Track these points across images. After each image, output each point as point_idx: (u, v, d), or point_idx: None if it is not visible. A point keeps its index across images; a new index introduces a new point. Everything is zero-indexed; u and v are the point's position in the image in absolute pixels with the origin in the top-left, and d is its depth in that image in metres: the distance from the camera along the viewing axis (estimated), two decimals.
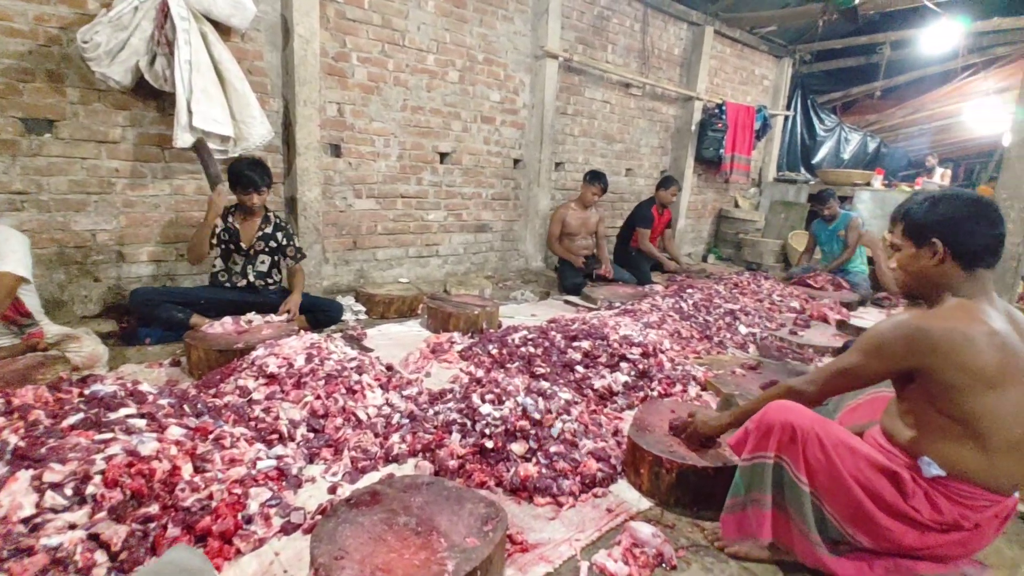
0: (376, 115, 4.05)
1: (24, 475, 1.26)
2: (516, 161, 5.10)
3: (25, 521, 1.20)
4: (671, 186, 5.15)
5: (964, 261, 1.33)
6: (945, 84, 7.92)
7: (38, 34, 2.75)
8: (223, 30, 3.19)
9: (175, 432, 1.60)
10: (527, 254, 5.36)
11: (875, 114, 9.50)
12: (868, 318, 4.42)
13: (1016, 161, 2.54)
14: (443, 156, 4.54)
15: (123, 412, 1.60)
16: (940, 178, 8.47)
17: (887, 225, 1.66)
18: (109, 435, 1.46)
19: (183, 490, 1.44)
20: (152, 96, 3.09)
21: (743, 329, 3.68)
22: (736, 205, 7.78)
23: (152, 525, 1.35)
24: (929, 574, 1.34)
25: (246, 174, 2.93)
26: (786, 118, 8.14)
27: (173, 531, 1.35)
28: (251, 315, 2.83)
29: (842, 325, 4.06)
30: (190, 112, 2.95)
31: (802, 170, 8.48)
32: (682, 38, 6.33)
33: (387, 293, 3.76)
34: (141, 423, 1.57)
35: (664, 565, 1.52)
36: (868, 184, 6.95)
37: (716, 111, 6.56)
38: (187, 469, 1.50)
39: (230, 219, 3.05)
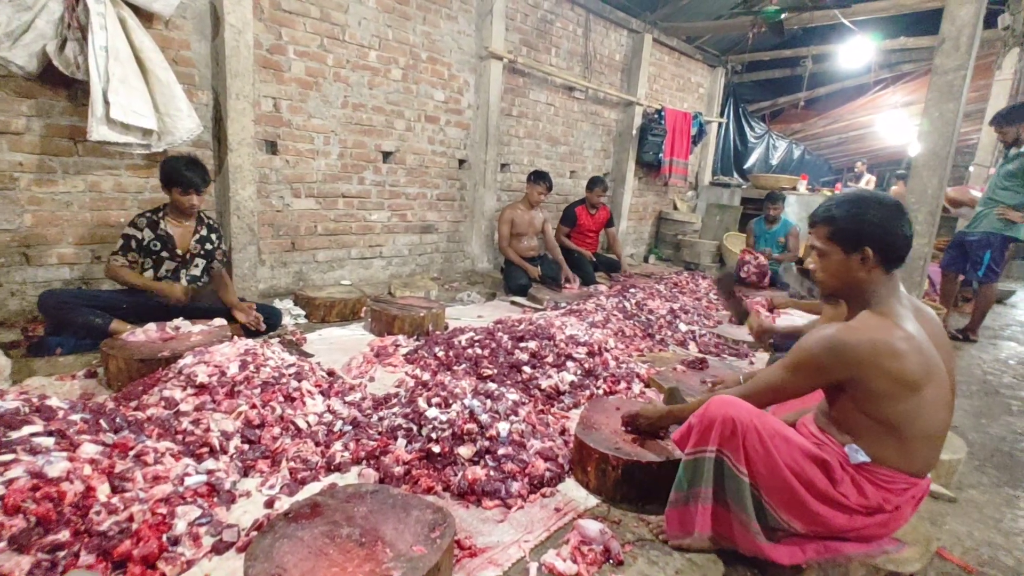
0: (315, 111, 3.91)
1: None
2: (461, 161, 5.06)
3: None
4: (596, 187, 5.28)
5: (888, 264, 1.41)
6: (860, 97, 8.58)
7: None
8: (145, 16, 2.98)
9: (89, 450, 1.46)
10: (473, 255, 5.34)
11: (799, 123, 10.15)
12: (794, 314, 4.69)
13: (923, 168, 2.78)
14: (386, 155, 4.44)
15: (27, 430, 1.44)
16: (866, 183, 9.15)
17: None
18: (10, 456, 1.31)
19: (98, 513, 1.32)
20: (63, 84, 2.83)
21: (683, 327, 3.82)
22: (675, 207, 8.08)
23: (62, 553, 1.22)
24: (855, 553, 1.42)
25: (185, 175, 2.72)
26: (720, 125, 8.54)
27: (87, 558, 1.23)
28: (178, 321, 2.65)
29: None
30: (107, 103, 2.73)
31: (735, 174, 8.92)
32: (623, 44, 6.51)
33: (328, 296, 3.63)
34: (49, 441, 1.42)
35: (611, 561, 1.54)
36: (794, 188, 7.40)
37: (655, 116, 6.79)
38: (103, 490, 1.38)
39: (161, 226, 2.81)
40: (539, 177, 4.69)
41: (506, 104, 5.26)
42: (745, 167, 9.25)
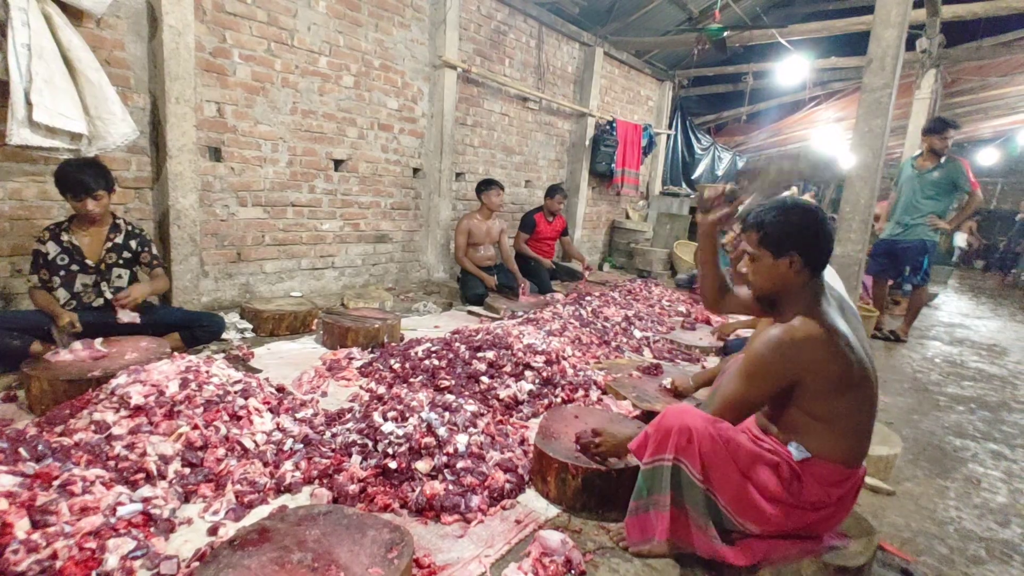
0: (262, 117, 3.77)
1: None
2: (416, 170, 5.01)
3: None
4: (556, 195, 5.35)
5: (813, 268, 1.50)
6: (796, 112, 9.07)
7: None
8: (74, 13, 2.80)
9: (5, 482, 1.33)
10: (429, 265, 5.27)
11: (742, 136, 10.63)
12: (742, 317, 4.87)
13: (855, 180, 2.95)
14: (338, 163, 4.34)
15: None
16: (808, 196, 9.65)
17: None
18: None
19: (16, 552, 1.20)
20: None
21: (637, 333, 3.89)
22: (627, 216, 8.28)
23: None
24: (805, 550, 1.47)
25: (75, 177, 2.47)
26: (669, 136, 8.83)
27: None
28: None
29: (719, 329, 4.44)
30: (29, 104, 2.54)
31: (683, 184, 9.23)
32: (575, 57, 6.64)
33: (277, 308, 3.49)
34: None
35: (573, 572, 1.53)
36: None
37: (607, 127, 6.95)
38: (22, 525, 1.26)
39: (65, 237, 2.57)
40: (489, 183, 4.69)
41: (461, 113, 5.25)
42: (693, 177, 9.60)
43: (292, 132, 3.96)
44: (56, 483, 1.44)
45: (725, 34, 6.07)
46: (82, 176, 2.49)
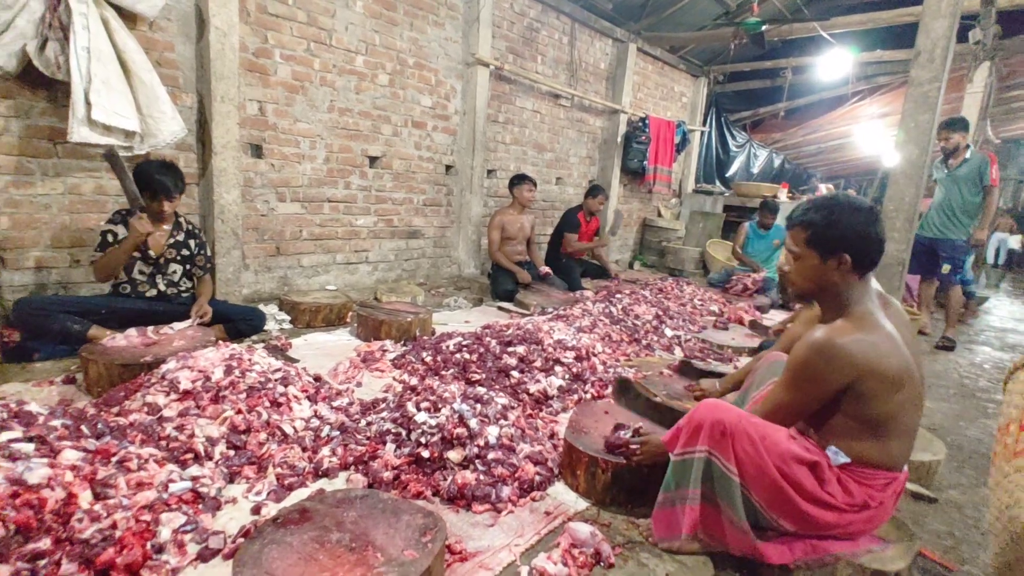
0: (301, 115, 3.89)
1: None
2: (448, 167, 5.07)
3: None
4: (598, 195, 5.33)
5: (861, 269, 1.44)
6: (838, 108, 8.78)
7: None
8: (128, 17, 2.95)
9: (70, 456, 1.42)
10: (459, 261, 5.33)
11: (779, 132, 10.35)
12: (776, 318, 4.76)
13: (900, 177, 2.86)
14: (372, 160, 4.43)
15: (5, 436, 1.40)
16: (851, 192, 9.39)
17: None
18: None
19: (80, 520, 1.28)
20: (42, 85, 2.78)
21: (668, 332, 3.85)
22: (659, 215, 8.18)
23: (43, 562, 1.19)
24: (842, 552, 1.45)
25: (157, 179, 2.66)
26: (703, 133, 8.68)
27: (69, 567, 1.20)
28: (165, 328, 2.60)
29: (754, 326, 4.36)
30: (88, 104, 2.69)
31: (717, 182, 9.06)
32: (607, 53, 6.59)
33: (314, 301, 3.60)
34: (28, 448, 1.38)
35: (602, 564, 1.54)
36: (775, 196, 7.54)
37: (640, 124, 6.88)
38: (85, 496, 1.34)
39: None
40: (521, 178, 4.74)
41: (493, 110, 5.28)
42: (727, 175, 9.41)
43: (329, 130, 4.07)
44: (114, 459, 1.53)
45: (763, 28, 5.93)
46: (163, 179, 2.65)
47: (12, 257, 2.87)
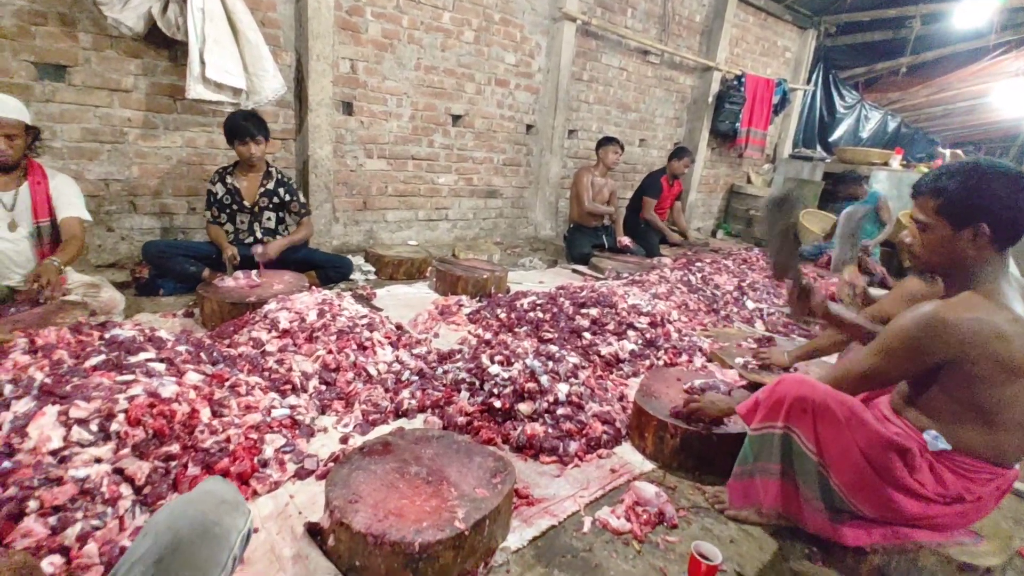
0: (389, 73, 3.98)
1: (51, 410, 1.30)
2: (529, 127, 5.02)
3: (54, 453, 1.24)
4: (684, 157, 5.08)
5: (1002, 243, 1.28)
6: (974, 63, 7.67)
7: None
8: None
9: (193, 377, 1.63)
10: (536, 222, 5.34)
11: (898, 92, 9.24)
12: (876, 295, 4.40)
13: None
14: (455, 118, 4.48)
15: (143, 356, 1.63)
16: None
17: (904, 205, 1.57)
18: (131, 377, 1.50)
19: (202, 432, 1.48)
20: (164, 44, 3.04)
21: (750, 304, 3.69)
22: (749, 181, 7.68)
23: (173, 463, 1.39)
24: (926, 541, 1.37)
25: (240, 124, 2.85)
26: (806, 93, 7.95)
27: (193, 470, 1.40)
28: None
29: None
30: (203, 62, 2.91)
31: (818, 147, 8.32)
32: (704, 4, 6.14)
33: (396, 255, 3.77)
34: (160, 367, 1.60)
35: (665, 524, 1.57)
36: (886, 164, 6.82)
37: (735, 83, 6.41)
38: (205, 413, 1.54)
39: (229, 179, 2.98)
40: (609, 140, 4.62)
41: (577, 68, 5.13)
42: (831, 139, 8.60)
43: (415, 87, 4.14)
44: (227, 384, 1.73)
45: None
46: (246, 123, 2.86)
47: (142, 203, 3.23)
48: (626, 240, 4.84)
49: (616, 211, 4.90)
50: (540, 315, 2.83)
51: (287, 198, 3.13)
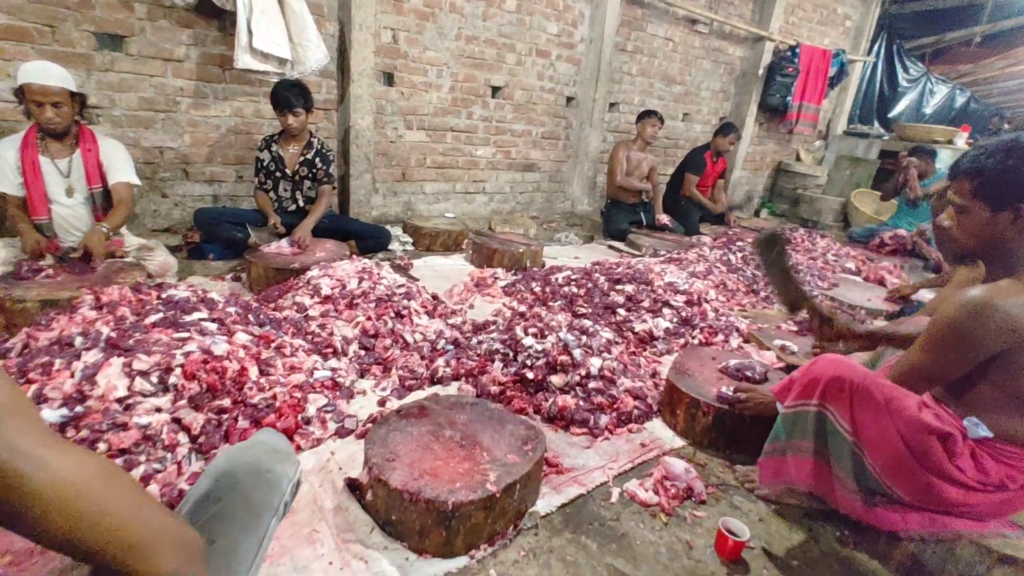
0: (430, 43, 3.96)
1: (117, 362, 1.40)
2: (569, 99, 4.93)
3: (119, 401, 1.35)
4: (729, 133, 4.90)
5: None
6: None
7: None
8: None
9: (242, 337, 1.72)
10: (573, 197, 5.28)
11: (969, 64, 8.60)
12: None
13: None
14: (495, 90, 4.44)
15: (196, 315, 1.73)
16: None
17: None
18: (186, 334, 1.59)
19: (250, 389, 1.57)
20: (214, 15, 3.10)
21: None
22: (798, 158, 7.36)
23: (225, 416, 1.49)
24: (965, 530, 1.34)
25: (282, 94, 2.89)
26: (866, 64, 7.49)
27: (243, 423, 1.49)
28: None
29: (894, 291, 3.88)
30: (250, 32, 2.96)
31: (876, 123, 7.87)
32: None
33: (434, 226, 3.82)
34: (213, 326, 1.70)
35: (693, 499, 1.58)
36: (950, 142, 6.40)
37: (788, 54, 6.09)
38: (253, 371, 1.63)
39: (274, 147, 3.05)
40: (649, 113, 4.49)
41: (621, 38, 4.97)
42: (891, 115, 8.12)
43: (456, 58, 4.12)
44: (273, 345, 1.82)
45: None
46: (288, 94, 2.90)
47: (193, 171, 3.36)
48: (665, 218, 4.72)
49: (655, 188, 4.79)
50: (575, 290, 2.83)
51: (320, 166, 3.15)
